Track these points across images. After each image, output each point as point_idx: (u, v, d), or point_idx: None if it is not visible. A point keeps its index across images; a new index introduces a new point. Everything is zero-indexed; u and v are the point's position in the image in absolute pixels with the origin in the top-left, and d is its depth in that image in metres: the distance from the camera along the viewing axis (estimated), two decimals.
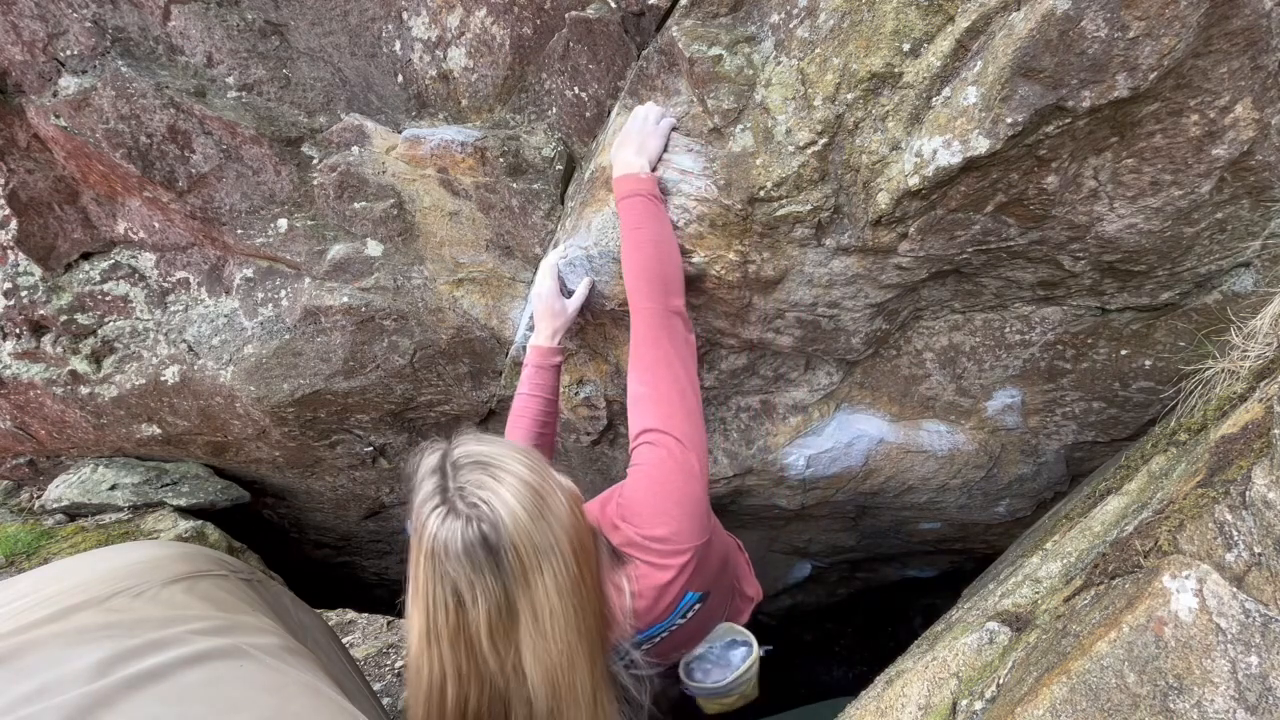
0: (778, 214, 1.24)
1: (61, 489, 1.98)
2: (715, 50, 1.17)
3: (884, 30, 1.05)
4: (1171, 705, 0.70)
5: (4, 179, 1.63)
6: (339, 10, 1.45)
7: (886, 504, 2.10)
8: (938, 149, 1.07)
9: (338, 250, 1.65)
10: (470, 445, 0.92)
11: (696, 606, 1.17)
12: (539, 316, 1.45)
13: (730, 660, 1.41)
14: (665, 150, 1.26)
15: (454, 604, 0.87)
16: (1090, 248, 1.22)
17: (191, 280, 1.78)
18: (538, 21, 1.38)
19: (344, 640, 3.91)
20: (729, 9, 1.17)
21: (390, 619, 5.66)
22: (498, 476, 0.88)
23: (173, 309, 1.80)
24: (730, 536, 1.55)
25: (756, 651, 1.43)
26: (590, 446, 1.96)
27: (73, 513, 1.98)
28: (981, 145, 1.04)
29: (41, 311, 1.76)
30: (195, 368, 1.81)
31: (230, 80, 1.51)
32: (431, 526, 0.86)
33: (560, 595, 0.88)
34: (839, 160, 1.17)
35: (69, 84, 1.48)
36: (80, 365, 1.83)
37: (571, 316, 1.45)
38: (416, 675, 0.93)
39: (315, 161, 1.58)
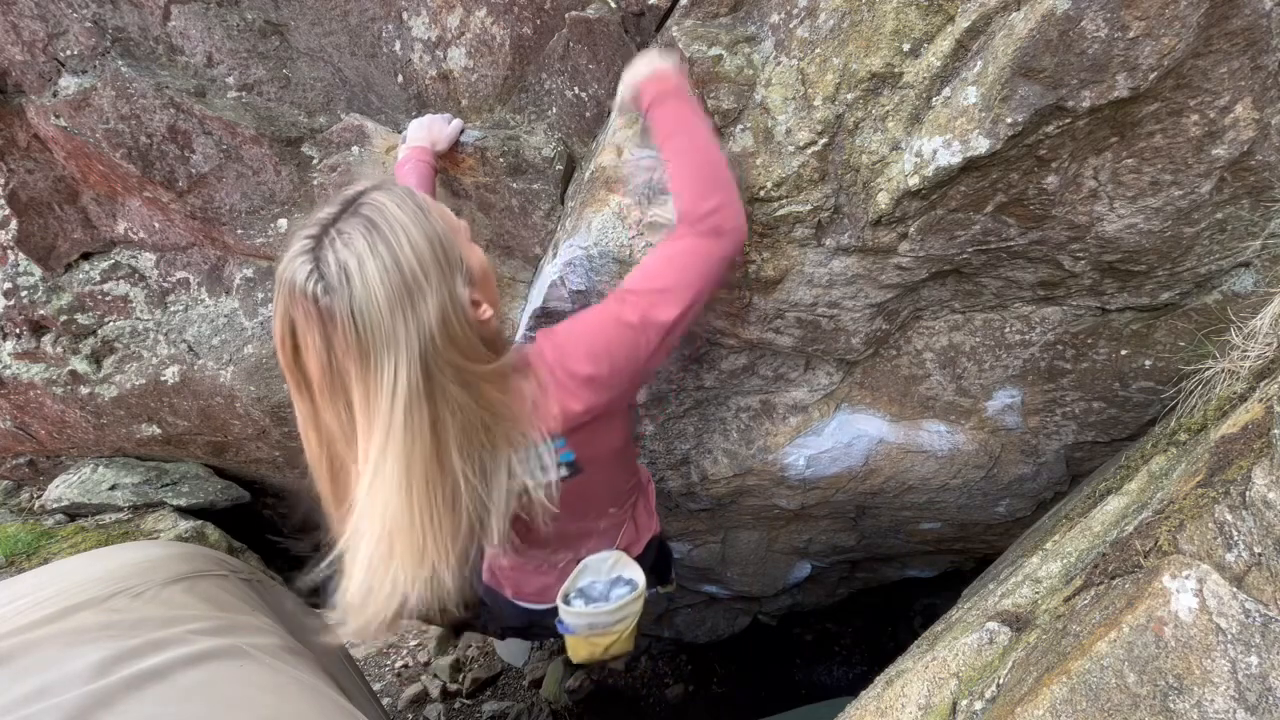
0: (778, 214, 1.24)
1: (61, 489, 1.98)
2: (715, 50, 1.17)
3: (884, 30, 1.05)
4: (1171, 705, 0.70)
5: (4, 179, 1.63)
6: (339, 10, 1.45)
7: (886, 504, 2.10)
8: (938, 149, 1.07)
9: None
10: (385, 197, 0.87)
11: (564, 472, 1.08)
12: (417, 127, 1.41)
13: (611, 597, 1.36)
14: None
15: (290, 344, 0.87)
16: (1090, 248, 1.22)
17: (191, 280, 1.78)
18: (538, 21, 1.38)
19: None
20: (729, 9, 1.16)
21: None
22: (377, 245, 0.83)
23: (173, 309, 1.80)
24: (641, 467, 1.49)
25: (640, 591, 1.36)
26: None
27: (73, 513, 1.98)
28: (981, 145, 1.04)
29: (41, 311, 1.76)
30: (195, 368, 1.81)
31: (230, 80, 1.51)
32: (290, 253, 0.85)
33: (395, 398, 0.85)
34: (839, 160, 1.17)
35: (69, 84, 1.48)
36: (80, 365, 1.83)
37: (450, 138, 1.42)
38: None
39: (315, 161, 1.58)
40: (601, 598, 1.36)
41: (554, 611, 1.39)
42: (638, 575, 1.37)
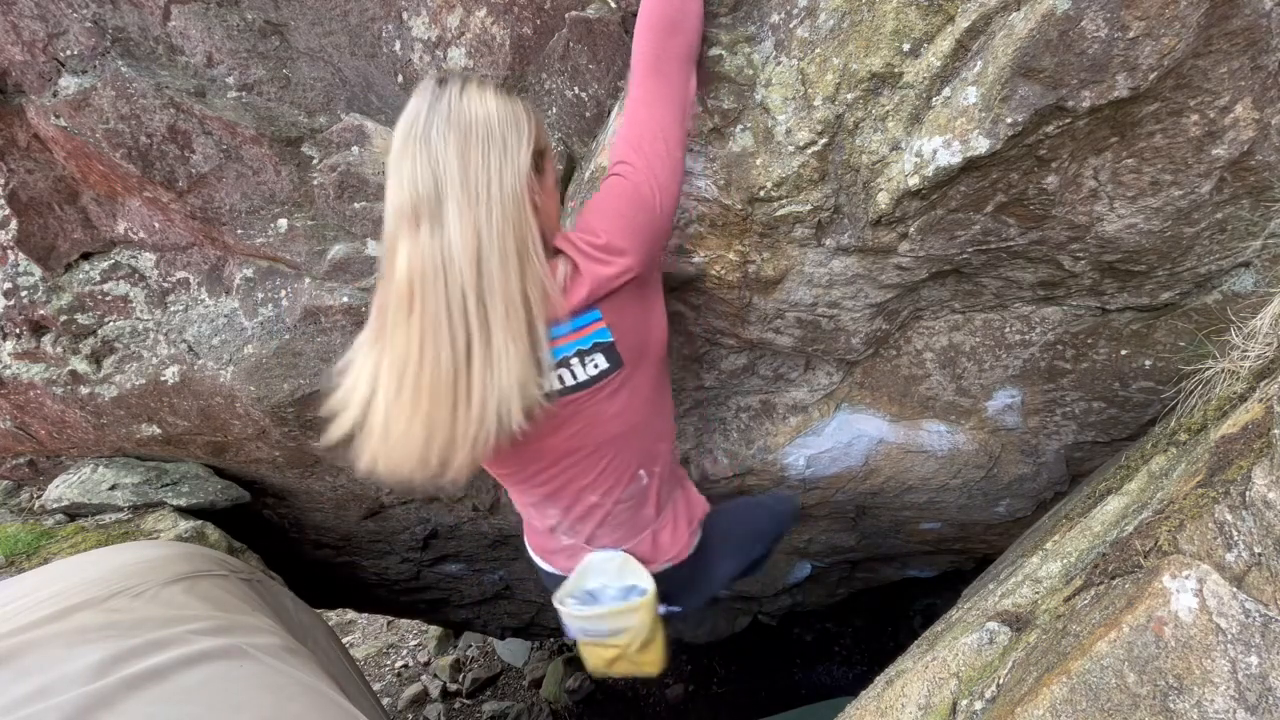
0: (778, 214, 1.24)
1: (61, 489, 1.98)
2: (715, 50, 1.17)
3: (884, 30, 1.05)
4: (1171, 705, 0.70)
5: (4, 179, 1.63)
6: (339, 10, 1.45)
7: (886, 504, 2.10)
8: (938, 149, 1.07)
9: (338, 250, 1.65)
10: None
11: (602, 363, 1.08)
12: None
13: (606, 601, 1.29)
14: None
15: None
16: (1090, 248, 1.22)
17: (191, 280, 1.78)
18: (538, 21, 1.38)
19: (344, 640, 3.92)
20: (729, 9, 1.16)
21: (390, 619, 5.67)
22: (485, 87, 1.00)
23: (173, 309, 1.80)
24: (680, 468, 1.45)
25: (640, 603, 1.28)
26: None
27: (73, 513, 1.98)
28: (981, 145, 1.04)
29: (41, 311, 1.76)
30: (195, 368, 1.81)
31: (230, 80, 1.51)
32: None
33: (496, 181, 0.96)
34: (839, 160, 1.17)
35: (69, 84, 1.48)
36: (80, 365, 1.83)
37: None
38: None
39: (315, 161, 1.58)
40: (613, 602, 1.29)
41: None
42: (645, 582, 1.29)
